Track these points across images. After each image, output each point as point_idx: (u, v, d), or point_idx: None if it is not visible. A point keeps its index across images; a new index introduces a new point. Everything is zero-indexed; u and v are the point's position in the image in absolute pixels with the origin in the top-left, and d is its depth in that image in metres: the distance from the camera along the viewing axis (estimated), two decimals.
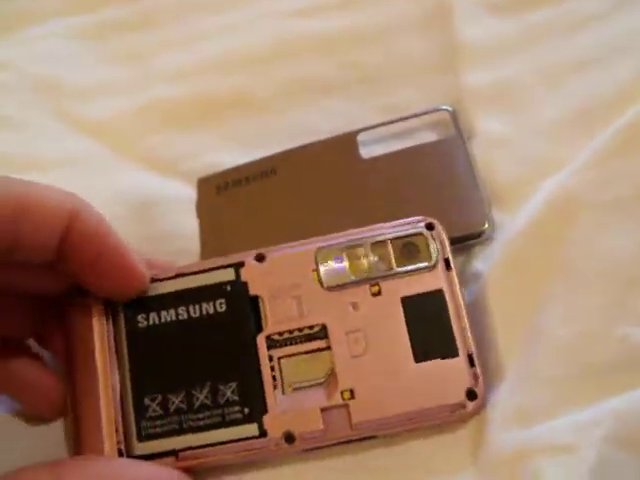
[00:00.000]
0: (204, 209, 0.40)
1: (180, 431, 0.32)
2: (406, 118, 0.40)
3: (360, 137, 0.40)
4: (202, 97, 0.43)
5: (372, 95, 0.41)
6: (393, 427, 0.31)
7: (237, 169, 0.41)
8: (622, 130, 0.34)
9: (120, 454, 0.31)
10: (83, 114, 0.44)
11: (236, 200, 0.40)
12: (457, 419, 0.31)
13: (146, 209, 0.39)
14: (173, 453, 0.31)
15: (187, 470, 0.31)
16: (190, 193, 0.41)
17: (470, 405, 0.31)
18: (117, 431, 0.32)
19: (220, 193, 0.40)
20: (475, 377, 0.31)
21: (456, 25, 0.41)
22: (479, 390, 0.31)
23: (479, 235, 0.36)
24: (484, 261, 0.35)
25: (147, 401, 0.32)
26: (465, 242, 0.36)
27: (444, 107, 0.39)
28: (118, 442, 0.32)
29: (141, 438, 0.32)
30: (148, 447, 0.32)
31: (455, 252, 0.34)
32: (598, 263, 0.32)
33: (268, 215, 0.39)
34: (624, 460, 0.27)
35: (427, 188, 0.37)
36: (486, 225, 0.36)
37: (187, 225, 0.40)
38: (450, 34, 0.41)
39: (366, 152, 0.39)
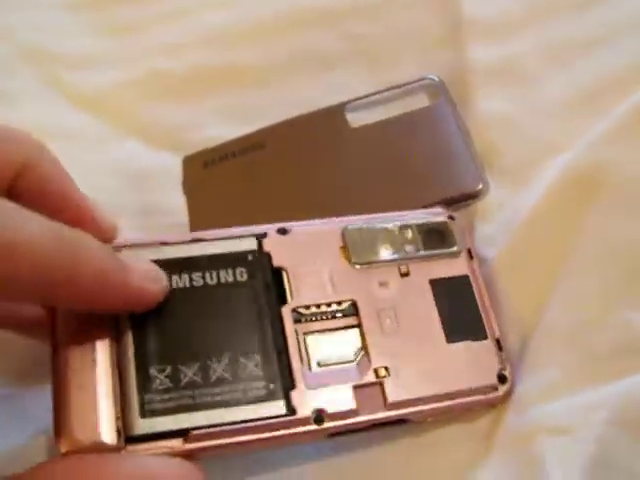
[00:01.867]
0: (190, 186, 0.39)
1: (193, 407, 0.27)
2: (393, 88, 0.39)
3: (350, 107, 0.39)
4: (199, 70, 0.42)
5: (373, 69, 0.41)
6: (427, 408, 0.29)
7: (223, 145, 0.40)
8: (635, 108, 0.33)
9: (118, 433, 0.26)
10: (78, 85, 0.43)
11: (223, 175, 0.39)
12: (488, 403, 0.30)
13: (140, 182, 0.38)
14: (182, 433, 0.27)
15: (196, 455, 0.27)
16: None
17: (502, 388, 0.30)
18: (115, 406, 0.27)
19: (207, 169, 0.39)
20: (504, 361, 0.30)
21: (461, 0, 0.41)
22: (509, 374, 0.30)
23: (475, 195, 0.35)
24: (490, 245, 0.34)
25: (153, 372, 0.28)
26: (461, 203, 0.35)
27: (431, 76, 0.39)
28: (116, 419, 0.27)
29: (144, 414, 0.27)
30: (152, 425, 0.27)
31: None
32: (607, 247, 0.31)
33: (257, 189, 0.38)
34: (625, 443, 0.27)
35: (419, 153, 0.37)
36: (480, 185, 0.35)
37: (181, 198, 0.39)
38: (455, 9, 0.41)
39: (356, 122, 0.39)
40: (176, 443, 0.27)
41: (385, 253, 0.32)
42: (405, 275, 0.31)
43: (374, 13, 0.42)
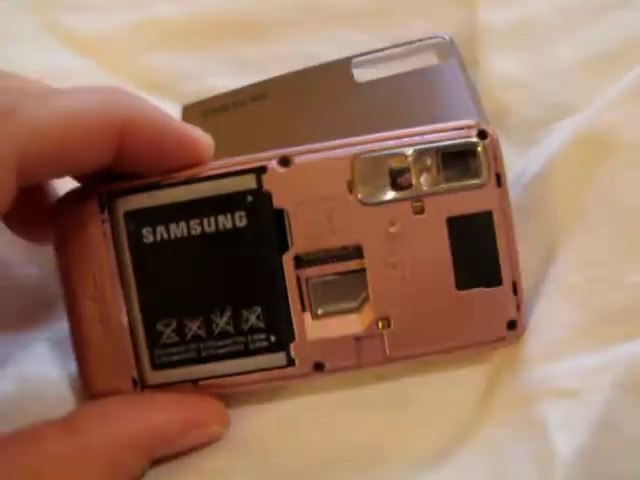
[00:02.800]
0: None
1: (199, 360, 0.29)
2: (402, 45, 0.38)
3: (356, 63, 0.38)
4: (203, 19, 0.41)
5: (383, 27, 0.39)
6: (427, 358, 0.29)
7: (224, 95, 0.38)
8: None
9: (134, 384, 0.29)
10: (77, 29, 0.41)
11: (223, 125, 0.38)
12: (491, 348, 0.30)
13: None
14: (192, 382, 0.29)
15: None
16: None
17: (509, 335, 0.29)
18: (128, 359, 0.29)
19: (206, 119, 0.38)
20: (517, 306, 0.29)
21: None
22: (520, 319, 0.29)
23: None
24: None
25: (160, 327, 0.29)
26: None
27: (441, 35, 0.38)
28: (131, 370, 0.29)
29: (155, 367, 0.29)
30: (164, 376, 0.29)
31: None
32: (618, 208, 0.30)
33: (257, 140, 0.37)
34: (631, 408, 0.27)
35: (425, 111, 0.36)
36: None
37: None
38: None
39: (362, 78, 0.38)
40: (187, 389, 0.29)
41: (397, 188, 0.29)
42: (419, 213, 0.29)
43: None
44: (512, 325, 0.29)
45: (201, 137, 0.29)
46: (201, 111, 0.39)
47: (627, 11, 0.37)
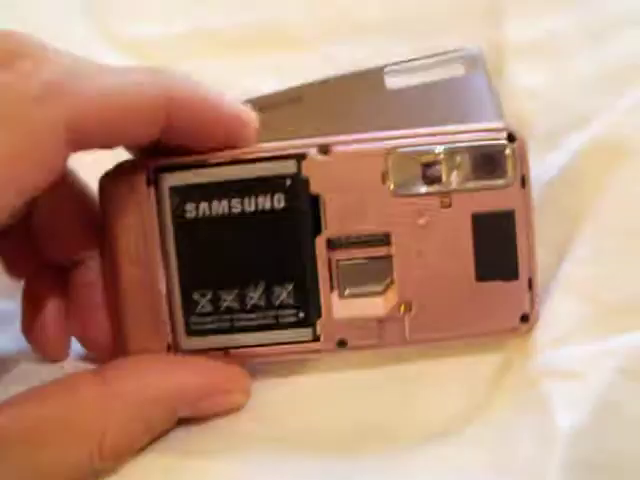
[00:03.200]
0: None
1: (231, 330, 0.30)
2: (433, 56, 0.40)
3: (388, 71, 0.40)
4: (247, 28, 0.44)
5: (414, 38, 0.42)
6: (444, 343, 0.31)
7: (263, 97, 0.41)
8: None
9: (168, 348, 0.31)
10: (128, 36, 0.45)
11: (262, 124, 0.41)
12: (504, 338, 0.31)
13: None
14: (222, 350, 0.31)
15: None
16: None
17: (522, 327, 0.31)
18: (164, 325, 0.30)
19: None
20: (531, 301, 0.30)
21: None
22: (532, 313, 0.31)
23: None
24: None
25: (196, 296, 0.30)
26: None
27: (469, 47, 0.40)
28: (167, 334, 0.30)
29: (190, 333, 0.31)
30: (197, 343, 0.31)
31: None
32: (628, 211, 0.32)
33: (291, 138, 0.40)
34: (632, 391, 0.28)
35: (451, 117, 0.38)
36: None
37: None
38: None
39: (393, 85, 0.40)
40: (218, 356, 0.31)
41: (428, 182, 0.30)
42: (446, 207, 0.30)
43: None
44: (525, 318, 0.31)
45: (245, 112, 0.31)
46: None
47: None
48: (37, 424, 0.28)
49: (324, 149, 0.30)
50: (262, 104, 0.41)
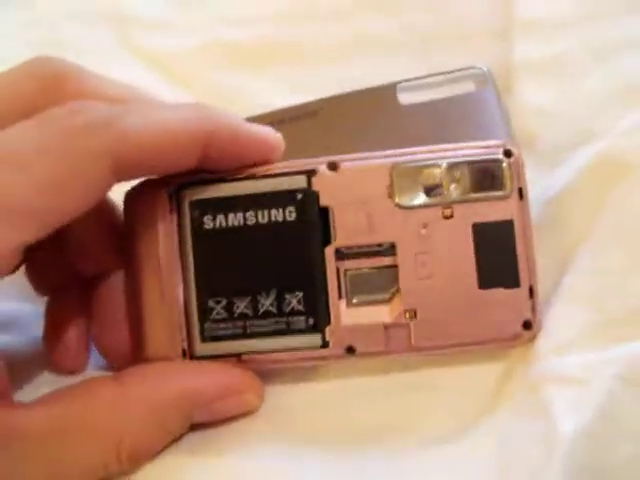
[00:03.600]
0: None
1: (244, 335, 0.32)
2: (444, 73, 0.42)
3: (401, 88, 0.41)
4: (264, 42, 0.45)
5: (427, 57, 0.43)
6: (448, 350, 0.32)
7: (279, 111, 0.42)
8: None
9: (183, 354, 0.32)
10: (149, 47, 0.46)
11: None
12: (508, 346, 0.32)
13: None
14: (235, 356, 0.32)
15: None
16: None
17: (525, 335, 0.31)
18: (180, 331, 0.32)
19: None
20: (533, 308, 0.31)
21: None
22: (535, 320, 0.31)
23: None
24: None
25: (211, 303, 0.32)
26: None
27: (479, 66, 0.42)
28: (182, 341, 0.32)
29: (204, 339, 0.32)
30: (211, 348, 0.32)
31: None
32: (630, 225, 0.33)
33: (308, 150, 0.41)
34: (632, 398, 0.29)
35: (461, 132, 0.39)
36: None
37: None
38: (509, 6, 0.43)
39: (406, 101, 0.41)
40: (231, 363, 0.32)
41: (430, 194, 0.32)
42: (448, 218, 0.32)
43: (433, 4, 0.45)
44: (527, 325, 0.32)
45: (273, 137, 0.33)
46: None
47: None
48: (57, 424, 0.29)
49: (333, 166, 0.32)
50: (278, 118, 0.42)
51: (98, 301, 0.35)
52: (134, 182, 0.33)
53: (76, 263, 0.35)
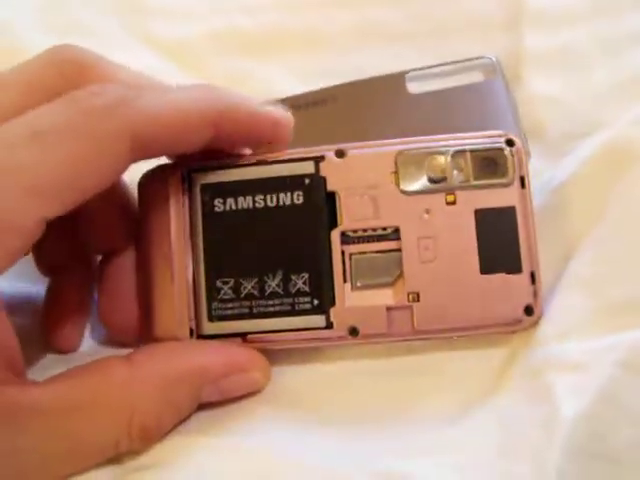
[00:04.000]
0: None
1: (250, 315, 0.32)
2: (453, 63, 0.42)
3: (410, 77, 0.42)
4: (275, 30, 0.46)
5: (437, 47, 0.44)
6: (451, 333, 0.32)
7: (291, 97, 0.43)
8: None
9: (191, 333, 0.33)
10: (160, 33, 0.47)
11: None
12: (510, 331, 0.33)
13: None
14: (241, 335, 0.33)
15: None
16: None
17: (526, 320, 0.32)
18: (189, 310, 0.33)
19: None
20: (535, 294, 0.32)
21: None
22: (536, 306, 0.32)
23: None
24: None
25: (219, 283, 0.33)
26: None
27: (488, 56, 0.42)
28: (189, 321, 0.33)
29: (212, 318, 0.33)
30: (218, 327, 0.33)
31: None
32: (634, 213, 0.33)
33: (316, 139, 0.41)
34: (632, 383, 0.29)
35: (470, 122, 0.40)
36: None
37: None
38: None
39: (414, 90, 0.42)
40: (237, 342, 0.33)
41: (434, 181, 0.33)
42: (451, 204, 0.32)
43: None
44: (529, 311, 0.32)
45: (284, 117, 0.34)
46: None
47: None
48: (69, 402, 0.30)
49: (340, 153, 0.33)
50: (290, 104, 0.43)
51: (106, 278, 0.35)
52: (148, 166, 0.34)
53: (86, 240, 0.36)
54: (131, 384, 0.30)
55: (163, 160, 0.35)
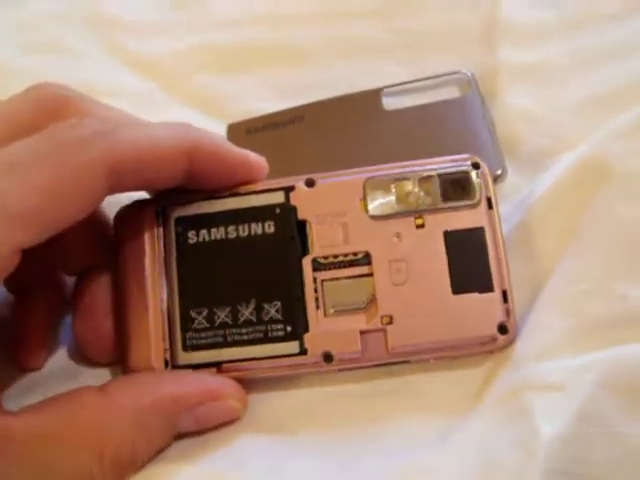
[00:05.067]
0: None
1: (224, 344, 0.33)
2: (428, 78, 0.42)
3: (386, 92, 0.42)
4: (251, 46, 0.46)
5: (414, 61, 0.44)
6: (426, 354, 0.32)
7: (266, 116, 0.43)
8: None
9: (166, 364, 0.33)
10: (136, 50, 0.47)
11: (264, 143, 0.42)
12: (487, 351, 0.33)
13: None
14: (216, 365, 0.33)
15: None
16: None
17: (501, 339, 0.32)
18: (163, 341, 0.33)
19: (249, 136, 0.42)
20: (507, 312, 0.32)
21: (503, 3, 0.44)
22: (510, 325, 0.32)
23: (494, 179, 0.38)
24: (504, 222, 0.35)
25: (193, 313, 0.33)
26: None
27: (464, 71, 0.42)
28: (164, 351, 0.33)
29: (186, 348, 0.33)
30: (192, 357, 0.33)
31: None
32: (610, 230, 0.33)
33: (293, 157, 0.41)
34: (611, 404, 0.29)
35: (446, 138, 0.40)
36: (499, 171, 0.38)
37: None
38: (494, 12, 0.44)
39: (390, 107, 0.42)
40: (211, 372, 0.33)
41: (402, 205, 0.33)
42: (420, 227, 0.33)
43: (421, 8, 0.45)
44: (503, 329, 0.32)
45: (256, 159, 0.34)
46: (245, 129, 0.43)
47: (629, 58, 0.40)
48: (43, 431, 0.30)
49: (310, 182, 0.34)
50: (267, 122, 0.43)
51: (81, 297, 0.35)
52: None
53: (58, 260, 0.36)
54: (104, 415, 0.30)
55: (143, 195, 0.35)
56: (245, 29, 0.47)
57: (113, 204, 0.35)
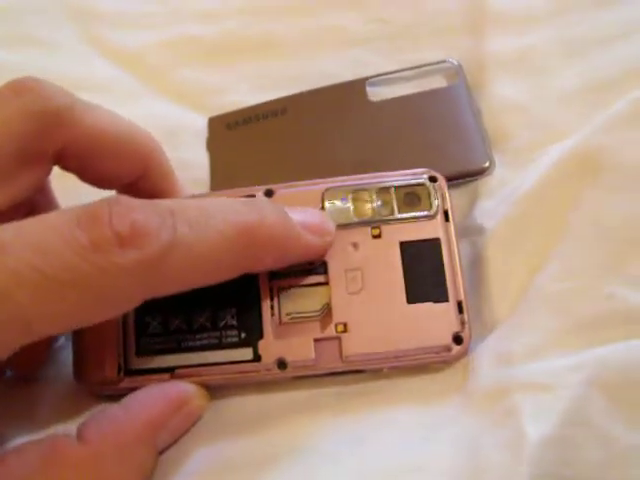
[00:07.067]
0: (214, 145, 0.42)
1: (178, 349, 0.33)
2: (414, 68, 0.41)
3: (371, 83, 0.41)
4: (231, 38, 0.45)
5: (398, 51, 0.42)
6: (381, 363, 0.32)
7: (248, 109, 0.42)
8: (636, 101, 0.35)
9: (119, 369, 0.33)
10: (114, 43, 0.46)
11: (246, 136, 0.41)
12: (441, 361, 0.32)
13: (166, 138, 0.38)
14: (169, 370, 0.32)
15: None
16: None
17: (455, 349, 0.32)
18: (117, 346, 0.33)
19: (231, 130, 0.42)
20: (462, 323, 0.32)
21: None
22: (465, 335, 0.32)
23: (481, 172, 0.37)
24: (490, 217, 0.36)
25: (148, 319, 0.33)
26: (468, 178, 0.37)
27: (450, 60, 0.41)
28: (118, 356, 0.33)
29: (140, 353, 0.33)
30: (146, 362, 0.33)
31: (460, 194, 0.37)
32: (600, 224, 0.33)
33: (276, 151, 0.41)
34: (600, 404, 0.28)
35: (432, 130, 0.39)
36: (487, 163, 0.37)
37: (204, 156, 0.42)
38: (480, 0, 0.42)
39: (375, 97, 0.41)
40: (165, 377, 0.32)
41: (360, 215, 0.33)
42: (377, 237, 0.33)
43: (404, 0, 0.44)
44: (458, 340, 0.32)
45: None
46: (226, 123, 0.42)
47: (619, 44, 0.39)
48: None
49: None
50: (248, 115, 0.42)
51: None
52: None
53: None
54: (91, 464, 0.29)
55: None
56: (225, 21, 0.46)
57: None
